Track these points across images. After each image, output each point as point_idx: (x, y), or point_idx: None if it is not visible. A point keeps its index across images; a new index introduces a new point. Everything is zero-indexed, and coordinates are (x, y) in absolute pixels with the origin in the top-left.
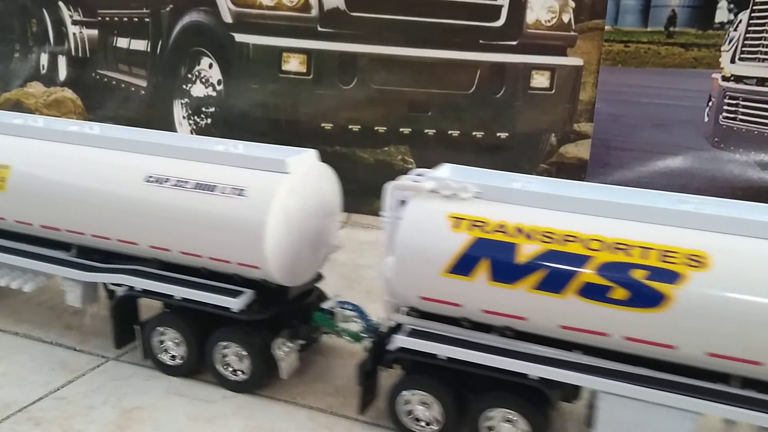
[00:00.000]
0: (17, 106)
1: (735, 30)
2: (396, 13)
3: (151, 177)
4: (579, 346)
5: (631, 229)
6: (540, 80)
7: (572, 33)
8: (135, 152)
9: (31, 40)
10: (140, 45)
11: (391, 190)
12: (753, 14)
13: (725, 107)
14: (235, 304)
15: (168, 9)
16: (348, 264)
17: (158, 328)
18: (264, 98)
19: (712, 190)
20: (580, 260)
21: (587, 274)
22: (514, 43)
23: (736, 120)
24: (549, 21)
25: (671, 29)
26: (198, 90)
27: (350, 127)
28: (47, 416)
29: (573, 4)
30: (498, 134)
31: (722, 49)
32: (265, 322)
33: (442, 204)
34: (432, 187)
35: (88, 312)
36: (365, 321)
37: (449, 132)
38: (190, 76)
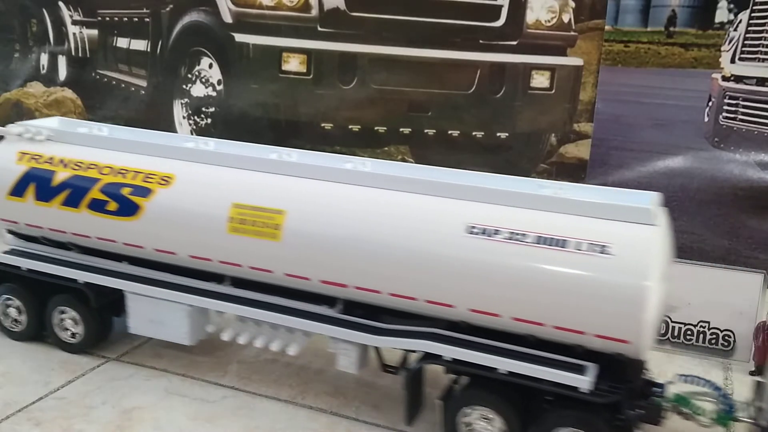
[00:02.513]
0: (17, 106)
1: (735, 30)
2: (396, 13)
3: (474, 228)
4: None
5: None
6: (540, 80)
7: (572, 33)
8: (446, 197)
9: (31, 40)
10: (140, 45)
11: None
12: (753, 14)
13: (725, 107)
14: (585, 382)
15: (168, 9)
16: None
17: (466, 407)
18: (264, 98)
19: (713, 190)
20: None
21: None
22: (514, 43)
23: (736, 120)
24: (549, 21)
25: (671, 29)
26: (198, 90)
27: (350, 127)
28: (47, 416)
29: (573, 4)
30: (498, 134)
31: (722, 49)
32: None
33: None
34: None
35: None
36: (725, 400)
37: (449, 132)
38: (190, 76)
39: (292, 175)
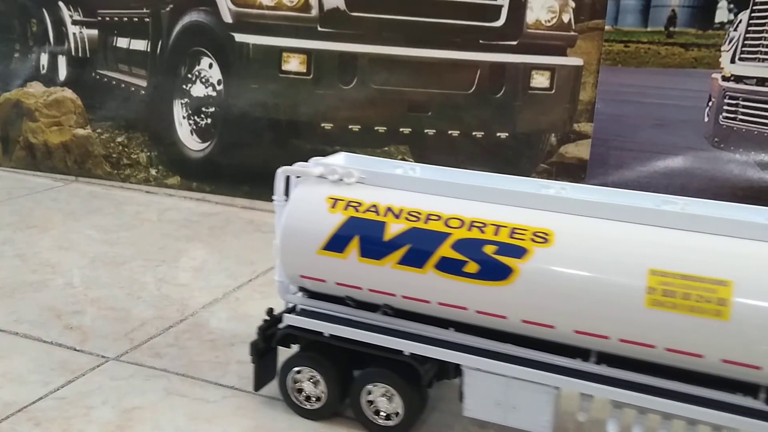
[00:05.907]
0: (17, 106)
1: (735, 30)
2: (396, 13)
3: None
4: None
5: None
6: (540, 80)
7: (572, 33)
8: None
9: (31, 40)
10: (140, 45)
11: None
12: (753, 14)
13: (725, 107)
14: None
15: (168, 9)
16: None
17: None
18: (264, 98)
19: (712, 190)
20: None
21: None
22: (514, 43)
23: (736, 120)
24: (549, 21)
25: (671, 29)
26: (198, 90)
27: (350, 127)
28: (47, 416)
29: (573, 4)
30: (498, 134)
31: (722, 49)
32: None
33: None
34: None
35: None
36: None
37: (449, 132)
38: (190, 76)
39: (731, 236)
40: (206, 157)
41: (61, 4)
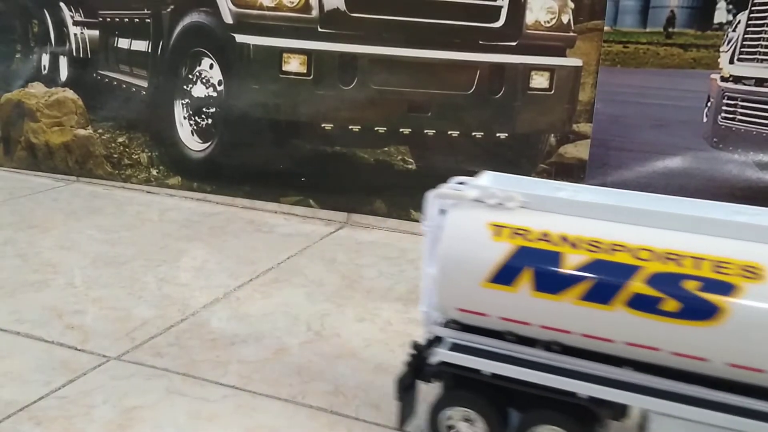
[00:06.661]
0: (18, 107)
1: (734, 31)
2: (396, 13)
3: None
4: None
5: None
6: (539, 81)
7: (571, 34)
8: None
9: (33, 41)
10: (141, 46)
11: None
12: (752, 15)
13: (724, 108)
14: None
15: (169, 10)
16: (347, 264)
17: None
18: (264, 99)
19: (711, 190)
20: None
21: None
22: (514, 43)
23: (734, 120)
24: (548, 22)
25: (670, 30)
26: (199, 90)
27: (350, 127)
28: (48, 415)
29: (572, 5)
30: (498, 135)
31: (721, 49)
32: None
33: None
34: None
35: None
36: None
37: (449, 132)
38: (190, 76)
39: None
40: (207, 157)
41: (62, 4)
